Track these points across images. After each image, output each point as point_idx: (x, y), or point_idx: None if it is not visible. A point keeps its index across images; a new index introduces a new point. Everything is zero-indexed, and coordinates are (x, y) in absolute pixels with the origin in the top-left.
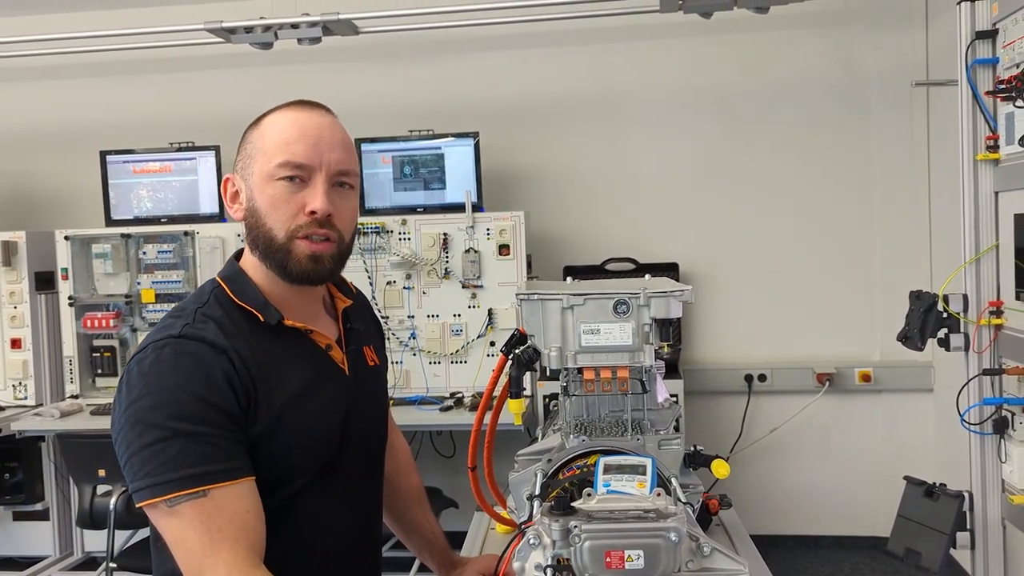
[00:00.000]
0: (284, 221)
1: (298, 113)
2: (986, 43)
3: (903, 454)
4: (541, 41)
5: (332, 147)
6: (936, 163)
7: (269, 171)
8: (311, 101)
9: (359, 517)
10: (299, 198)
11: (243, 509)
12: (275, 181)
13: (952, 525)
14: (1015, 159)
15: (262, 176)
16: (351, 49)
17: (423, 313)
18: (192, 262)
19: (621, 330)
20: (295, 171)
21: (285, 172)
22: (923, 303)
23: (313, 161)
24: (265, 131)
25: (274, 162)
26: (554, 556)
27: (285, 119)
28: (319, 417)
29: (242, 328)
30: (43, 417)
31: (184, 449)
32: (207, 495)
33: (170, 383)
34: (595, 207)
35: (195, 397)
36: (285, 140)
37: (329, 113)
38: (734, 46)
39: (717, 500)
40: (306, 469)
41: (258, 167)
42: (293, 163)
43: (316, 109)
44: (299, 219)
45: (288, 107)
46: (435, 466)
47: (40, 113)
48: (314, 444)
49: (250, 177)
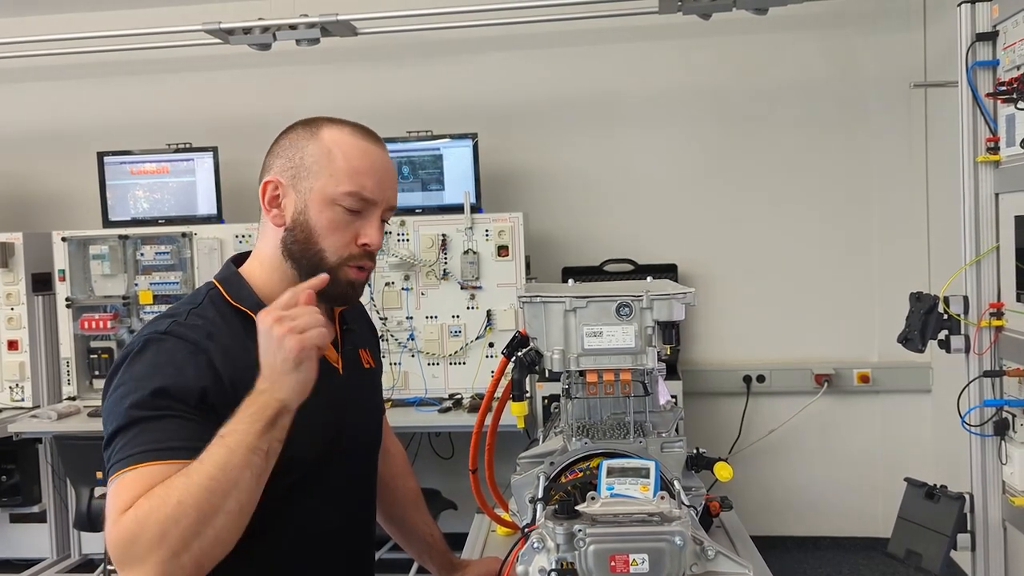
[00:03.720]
0: (338, 248)
1: (366, 142)
2: (986, 45)
3: (901, 455)
4: (540, 42)
5: (392, 186)
6: (934, 165)
7: (334, 195)
8: (370, 130)
9: (351, 517)
10: (355, 227)
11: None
12: (336, 206)
13: (953, 527)
14: (1015, 161)
15: (323, 197)
16: (349, 50)
17: (421, 314)
18: (190, 263)
19: (624, 333)
20: (361, 204)
21: (351, 202)
22: (924, 305)
23: (378, 197)
24: (331, 151)
25: (342, 189)
26: (558, 560)
27: (355, 146)
28: (309, 414)
29: (235, 328)
30: (40, 419)
31: (140, 433)
32: (145, 466)
33: (140, 374)
34: (594, 208)
35: (157, 386)
36: (356, 170)
37: (385, 146)
38: (732, 47)
39: (718, 502)
40: (295, 466)
41: (320, 185)
42: (362, 196)
43: (380, 142)
44: (351, 248)
45: (353, 130)
46: (434, 468)
47: (37, 114)
48: (303, 441)
49: (307, 192)
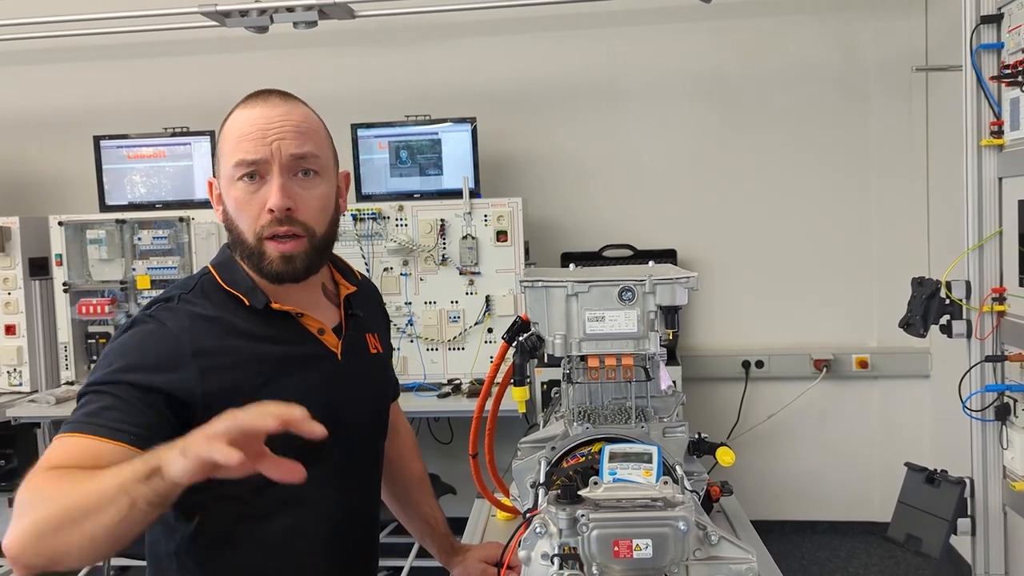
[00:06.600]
0: (250, 223)
1: (251, 107)
2: (991, 28)
3: (899, 440)
4: (539, 26)
5: (283, 134)
6: (935, 150)
7: (229, 172)
8: (268, 90)
9: (353, 502)
10: (260, 196)
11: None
12: (236, 182)
13: (953, 512)
14: (1020, 145)
15: (226, 179)
16: (347, 33)
17: (420, 300)
18: (187, 248)
19: (626, 317)
20: (249, 167)
21: (241, 171)
22: (925, 289)
23: (264, 153)
24: (226, 131)
25: (231, 162)
26: (561, 545)
27: (240, 116)
28: (296, 398)
29: (223, 313)
30: (38, 404)
31: (87, 404)
32: (81, 436)
33: (112, 352)
34: (592, 193)
35: (119, 366)
36: (239, 137)
37: (287, 99)
38: (733, 31)
39: (719, 487)
40: (284, 448)
41: (223, 169)
42: (246, 160)
43: (269, 97)
44: (262, 219)
45: (244, 102)
46: (433, 453)
47: (33, 98)
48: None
49: (221, 180)
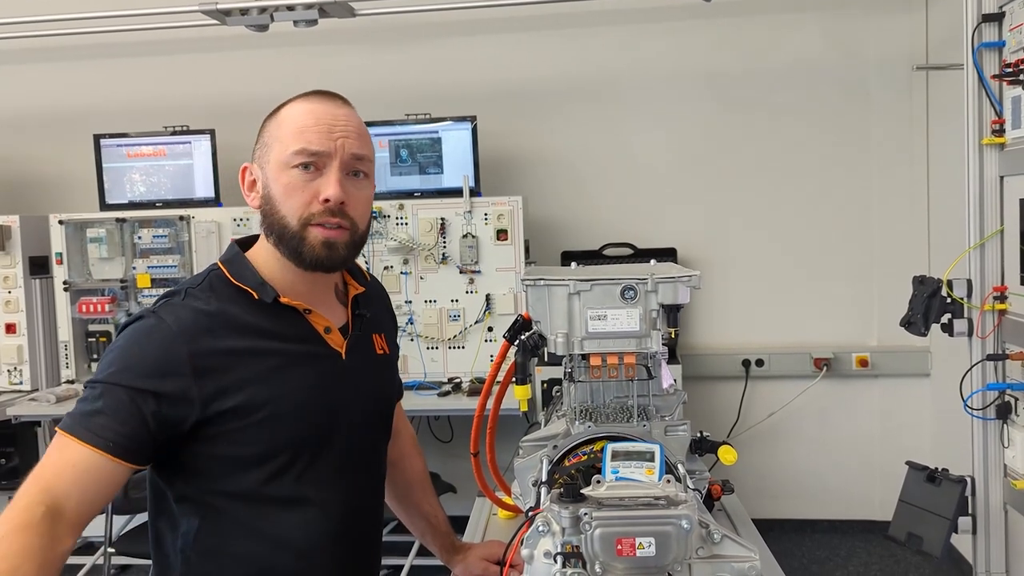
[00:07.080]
0: (298, 209)
1: (314, 103)
2: (992, 26)
3: (899, 439)
4: (539, 24)
5: (347, 134)
6: (935, 148)
7: (285, 159)
8: (328, 91)
9: (355, 500)
10: (313, 186)
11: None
12: (290, 169)
13: (954, 510)
14: (1021, 143)
15: (278, 164)
16: (347, 32)
17: (420, 299)
18: (188, 247)
19: (628, 316)
20: (310, 158)
21: (300, 159)
22: (926, 288)
23: (327, 148)
24: (282, 120)
25: (290, 150)
26: (564, 543)
27: (301, 108)
28: (296, 394)
29: (230, 309)
30: (39, 402)
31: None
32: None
33: (113, 354)
34: (593, 192)
35: (116, 369)
36: (300, 128)
37: (346, 103)
38: (733, 29)
39: (720, 485)
40: (286, 445)
41: (274, 155)
42: (308, 150)
43: (333, 99)
44: (313, 207)
45: (305, 97)
46: (433, 451)
47: (33, 96)
48: (291, 424)
49: (266, 165)
